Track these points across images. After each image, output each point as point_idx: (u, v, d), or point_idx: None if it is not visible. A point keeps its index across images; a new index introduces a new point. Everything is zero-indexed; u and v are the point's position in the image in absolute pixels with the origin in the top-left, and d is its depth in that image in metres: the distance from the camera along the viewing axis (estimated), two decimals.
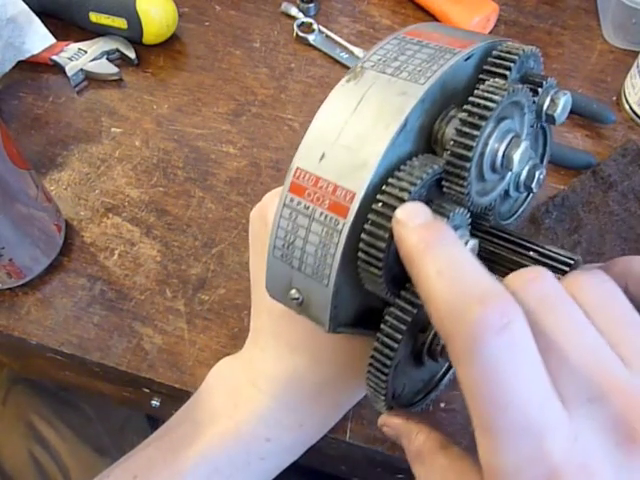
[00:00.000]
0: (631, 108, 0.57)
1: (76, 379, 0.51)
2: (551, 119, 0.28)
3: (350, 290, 0.26)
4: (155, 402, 0.47)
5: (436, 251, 0.21)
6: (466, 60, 0.25)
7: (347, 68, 0.59)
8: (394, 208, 0.23)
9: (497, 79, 0.25)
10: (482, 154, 0.24)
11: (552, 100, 0.28)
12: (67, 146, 0.54)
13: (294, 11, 0.63)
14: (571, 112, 0.59)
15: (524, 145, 0.25)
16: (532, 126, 0.28)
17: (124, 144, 0.55)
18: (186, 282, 0.47)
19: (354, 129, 0.24)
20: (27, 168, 0.43)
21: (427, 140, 0.26)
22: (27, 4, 0.56)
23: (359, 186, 0.23)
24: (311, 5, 0.63)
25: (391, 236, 0.23)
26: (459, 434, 0.41)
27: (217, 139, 0.55)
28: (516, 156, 0.25)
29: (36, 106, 0.57)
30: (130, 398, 0.51)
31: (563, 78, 0.59)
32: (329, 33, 0.62)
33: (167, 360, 0.44)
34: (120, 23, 0.58)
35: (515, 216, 0.34)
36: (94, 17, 0.59)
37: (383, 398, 0.28)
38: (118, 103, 0.57)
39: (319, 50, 0.61)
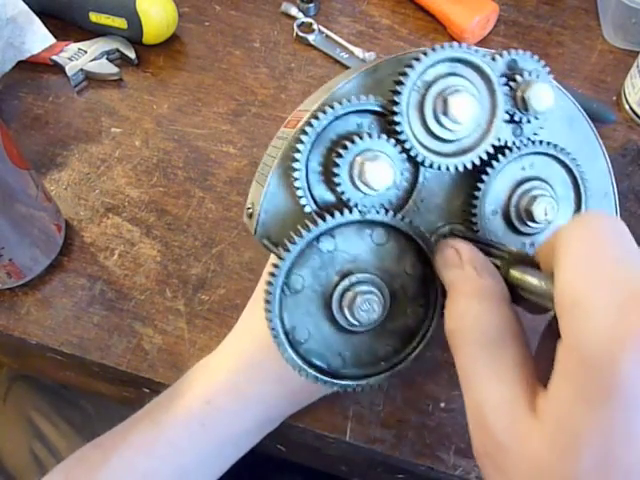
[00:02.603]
0: (631, 108, 0.57)
1: (76, 379, 0.51)
2: (524, 105, 0.29)
3: (283, 203, 0.30)
4: None
5: None
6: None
7: (347, 68, 0.60)
8: (317, 118, 0.28)
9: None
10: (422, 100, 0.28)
11: (527, 84, 0.29)
12: (67, 146, 0.54)
13: (294, 11, 0.63)
14: None
15: (467, 97, 0.28)
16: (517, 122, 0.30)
17: (124, 144, 0.55)
18: (186, 282, 0.47)
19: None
20: (27, 168, 0.43)
21: None
22: (27, 4, 0.56)
23: (312, 107, 0.29)
24: (311, 5, 0.63)
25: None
26: (459, 434, 0.42)
27: (217, 139, 0.55)
28: (456, 109, 0.28)
29: (36, 106, 0.57)
30: (130, 398, 0.51)
31: (563, 78, 0.59)
32: (329, 33, 0.62)
33: (167, 360, 0.44)
34: (120, 23, 0.58)
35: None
36: (94, 17, 0.59)
37: (269, 306, 0.29)
38: (118, 103, 0.57)
39: (319, 50, 0.61)
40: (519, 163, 0.31)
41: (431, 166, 0.29)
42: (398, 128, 0.28)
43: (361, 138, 0.28)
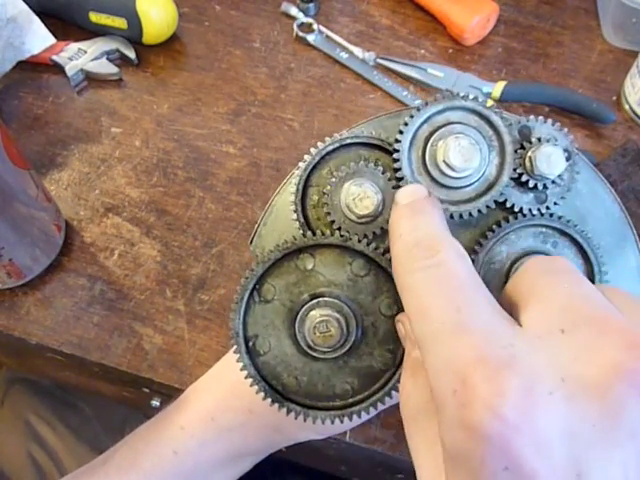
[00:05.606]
0: (631, 108, 0.57)
1: (76, 379, 0.51)
2: (530, 165, 0.29)
3: (281, 220, 0.32)
4: (155, 402, 0.47)
5: (405, 220, 0.25)
6: None
7: (347, 68, 0.60)
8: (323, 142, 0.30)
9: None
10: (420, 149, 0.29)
11: (537, 146, 0.29)
12: (67, 146, 0.54)
13: (294, 11, 0.63)
14: (571, 112, 0.59)
15: (466, 141, 0.28)
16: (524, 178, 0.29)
17: (124, 144, 0.55)
18: (186, 282, 0.47)
19: None
20: (27, 168, 0.43)
21: None
22: (27, 4, 0.56)
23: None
24: (311, 5, 0.63)
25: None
26: None
27: (217, 139, 0.55)
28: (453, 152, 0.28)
29: (36, 106, 0.57)
30: (130, 398, 0.51)
31: (563, 78, 0.60)
32: (329, 33, 0.62)
33: (167, 360, 0.44)
34: (120, 23, 0.58)
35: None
36: (94, 17, 0.59)
37: (235, 306, 0.29)
38: (118, 103, 0.57)
39: (319, 50, 0.61)
40: (526, 232, 0.30)
41: None
42: (397, 165, 0.29)
43: (356, 164, 0.29)
